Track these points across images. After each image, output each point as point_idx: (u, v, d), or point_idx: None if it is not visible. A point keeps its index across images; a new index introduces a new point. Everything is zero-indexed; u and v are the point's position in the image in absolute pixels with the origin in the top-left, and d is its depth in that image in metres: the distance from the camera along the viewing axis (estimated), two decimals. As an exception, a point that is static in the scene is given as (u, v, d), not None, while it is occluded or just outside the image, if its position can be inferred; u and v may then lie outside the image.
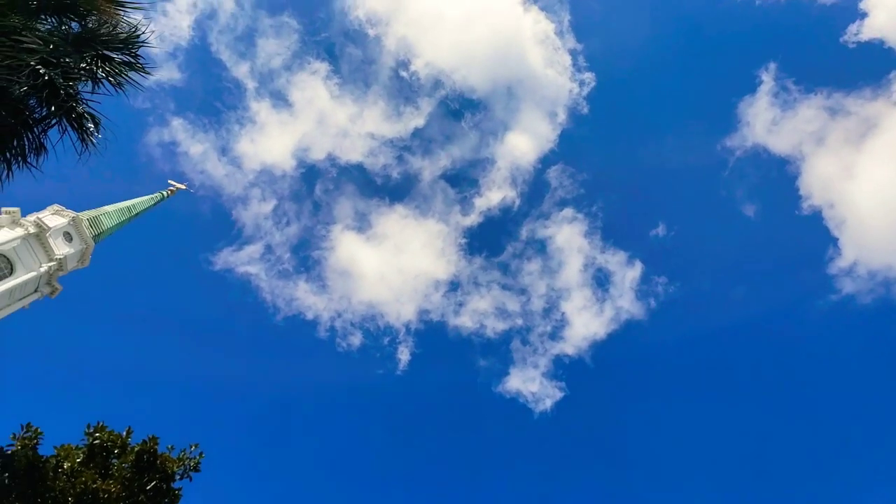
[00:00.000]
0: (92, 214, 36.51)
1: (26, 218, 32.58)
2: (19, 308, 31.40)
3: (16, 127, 10.88)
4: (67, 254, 33.49)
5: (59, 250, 33.15)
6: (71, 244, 34.30)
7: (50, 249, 32.53)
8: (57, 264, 32.55)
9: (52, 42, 10.79)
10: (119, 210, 38.51)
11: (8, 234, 30.83)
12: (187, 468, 13.15)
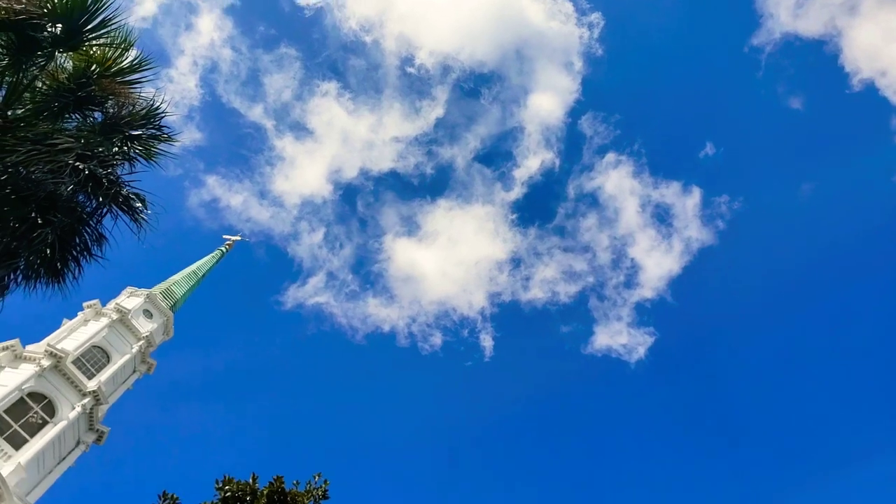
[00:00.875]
0: (163, 287, 38.02)
1: (106, 307, 34.20)
2: (124, 391, 33.03)
3: (73, 225, 11.41)
4: (152, 330, 34.99)
5: (144, 329, 34.69)
6: (152, 320, 35.83)
7: (136, 330, 34.08)
8: (145, 342, 34.08)
9: (82, 137, 11.26)
10: (186, 276, 39.98)
11: (96, 326, 32.44)
12: (316, 498, 13.58)
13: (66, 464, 28.41)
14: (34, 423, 27.42)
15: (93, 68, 11.29)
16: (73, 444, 29.06)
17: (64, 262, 11.81)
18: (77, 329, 32.21)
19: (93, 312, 33.37)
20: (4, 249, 10.51)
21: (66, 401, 28.86)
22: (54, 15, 10.64)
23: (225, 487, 12.60)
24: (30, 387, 27.74)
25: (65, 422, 28.00)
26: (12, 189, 11.30)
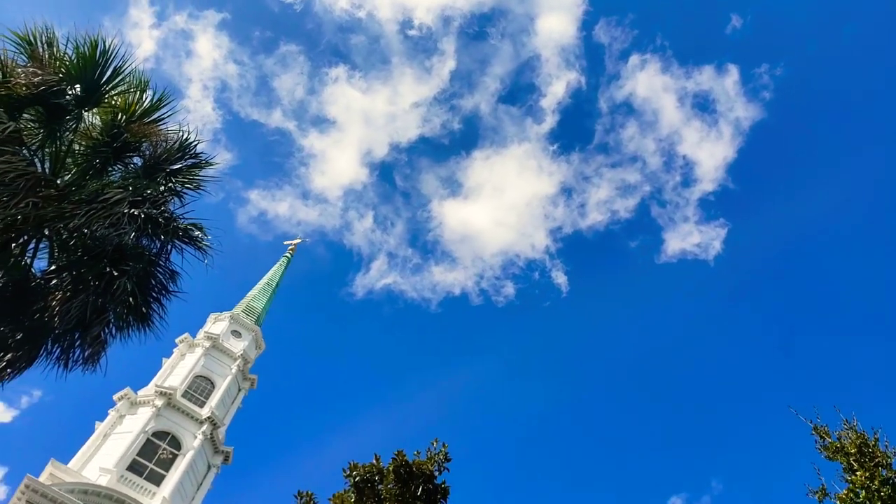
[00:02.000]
0: (243, 305, 39.35)
1: (197, 337, 35.71)
2: (236, 410, 34.61)
3: (146, 269, 11.90)
4: (244, 348, 36.39)
5: (237, 349, 36.12)
6: (242, 339, 37.22)
7: (230, 352, 35.53)
8: (242, 361, 35.50)
9: (129, 184, 11.66)
10: (261, 289, 41.22)
11: (192, 357, 33.98)
12: (439, 462, 13.98)
13: (205, 488, 30.17)
14: (166, 459, 29.13)
15: (119, 117, 11.62)
16: (204, 469, 30.77)
17: (147, 306, 12.36)
18: (177, 365, 33.83)
19: (186, 346, 34.93)
20: (93, 307, 11.07)
21: (188, 432, 30.49)
22: (71, 77, 10.97)
23: (353, 473, 13.12)
24: (152, 427, 29.40)
25: (192, 451, 29.61)
26: (83, 251, 11.87)
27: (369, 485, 13.15)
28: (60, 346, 11.93)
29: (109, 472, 26.30)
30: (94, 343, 11.76)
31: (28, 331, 11.40)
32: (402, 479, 13.11)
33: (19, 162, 9.98)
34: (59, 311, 10.90)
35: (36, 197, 10.08)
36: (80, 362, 12.04)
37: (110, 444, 28.54)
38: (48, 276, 11.73)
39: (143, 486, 27.13)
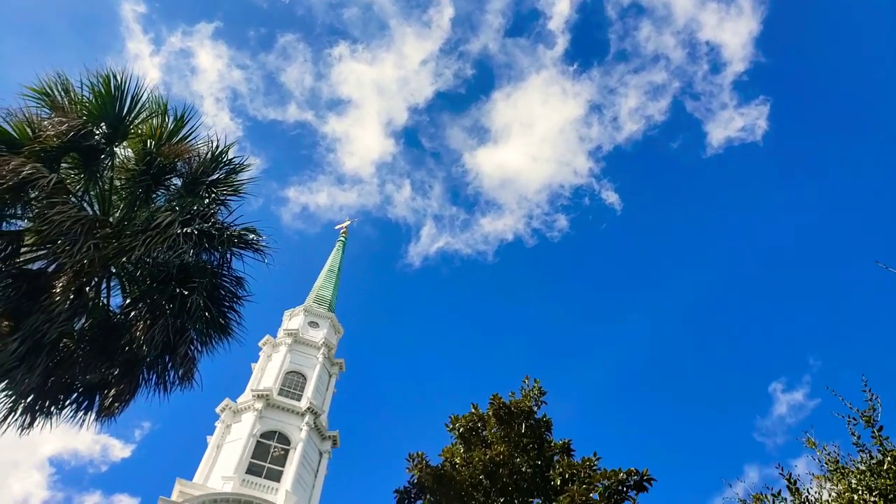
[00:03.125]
0: (312, 296, 40.31)
1: (277, 337, 36.84)
2: (332, 395, 35.79)
3: (212, 281, 12.26)
4: (324, 336, 37.39)
5: (318, 338, 37.16)
6: (319, 328, 38.23)
7: (312, 343, 36.60)
8: (325, 349, 36.52)
9: (174, 206, 11.96)
10: (326, 277, 42.09)
11: (278, 356, 35.16)
12: (536, 398, 14.16)
13: (321, 474, 31.50)
14: (279, 456, 30.47)
15: (149, 144, 11.88)
16: (316, 457, 32.06)
17: (222, 316, 12.77)
18: (266, 367, 35.08)
19: (270, 347, 36.12)
20: (174, 329, 11.53)
21: (292, 426, 31.74)
22: (94, 117, 11.23)
23: (456, 425, 13.46)
24: (259, 430, 30.71)
25: (300, 443, 30.84)
26: (150, 279, 12.32)
27: (474, 433, 13.47)
28: (155, 372, 12.50)
29: (231, 478, 27.70)
30: (184, 362, 12.26)
31: (123, 365, 11.98)
32: (503, 421, 13.37)
33: (71, 209, 10.35)
34: (145, 339, 11.39)
35: (94, 239, 10.46)
36: (177, 383, 12.60)
37: (225, 454, 30.00)
38: (126, 310, 12.25)
39: (265, 485, 28.51)
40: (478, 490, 12.36)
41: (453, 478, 12.43)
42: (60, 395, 12.08)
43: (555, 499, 11.86)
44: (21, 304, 10.38)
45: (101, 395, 12.31)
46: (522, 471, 12.81)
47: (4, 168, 9.83)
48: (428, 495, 12.82)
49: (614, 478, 11.44)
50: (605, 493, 11.27)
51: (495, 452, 12.43)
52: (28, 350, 10.00)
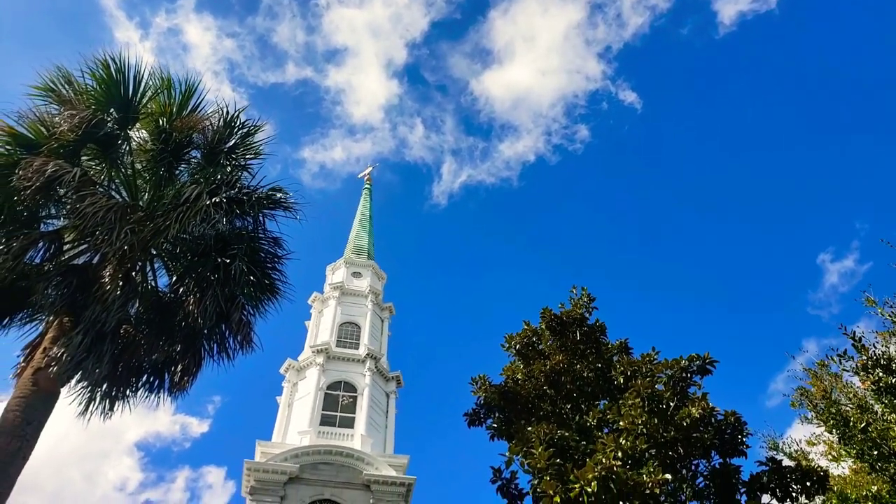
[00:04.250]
0: (350, 247, 40.76)
1: (324, 292, 37.50)
2: (387, 339, 36.59)
3: (250, 245, 12.43)
4: (369, 284, 37.96)
5: (362, 286, 37.78)
6: (363, 276, 38.78)
7: (358, 292, 37.22)
8: (372, 295, 37.13)
9: (198, 179, 12.04)
10: (359, 226, 42.40)
11: (329, 310, 35.92)
12: (586, 306, 14.24)
13: (391, 414, 32.57)
14: (348, 404, 31.52)
15: (161, 122, 11.89)
16: (384, 398, 33.08)
17: (267, 277, 12.99)
18: (319, 322, 35.92)
19: (319, 303, 36.88)
20: (224, 297, 11.78)
21: (356, 374, 32.67)
22: (102, 104, 11.26)
23: (512, 343, 13.66)
24: (324, 383, 31.71)
25: (366, 388, 31.79)
26: (190, 253, 12.55)
27: (530, 348, 13.67)
28: (215, 342, 12.87)
29: (307, 432, 28.80)
30: (240, 327, 12.57)
31: (183, 340, 12.35)
32: (557, 332, 13.52)
33: (101, 199, 10.51)
34: (198, 311, 11.68)
35: (129, 224, 10.64)
36: (237, 348, 12.97)
37: (297, 411, 31.14)
38: (174, 288, 12.55)
39: (340, 433, 29.63)
40: (543, 400, 12.62)
41: (518, 393, 12.70)
42: (132, 379, 12.57)
43: (620, 397, 12.05)
44: (76, 299, 10.71)
45: (170, 372, 12.76)
46: (584, 376, 13.01)
47: (29, 170, 9.99)
48: (496, 413, 13.16)
49: (676, 366, 11.54)
50: (669, 382, 11.40)
51: (554, 362, 12.62)
52: (92, 341, 10.36)
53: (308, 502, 25.68)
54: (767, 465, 11.63)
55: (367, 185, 46.59)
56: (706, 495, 11.71)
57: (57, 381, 10.14)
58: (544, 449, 10.15)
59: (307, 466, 26.79)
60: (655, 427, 10.77)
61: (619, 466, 9.37)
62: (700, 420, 11.17)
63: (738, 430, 11.89)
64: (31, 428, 9.63)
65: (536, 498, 10.36)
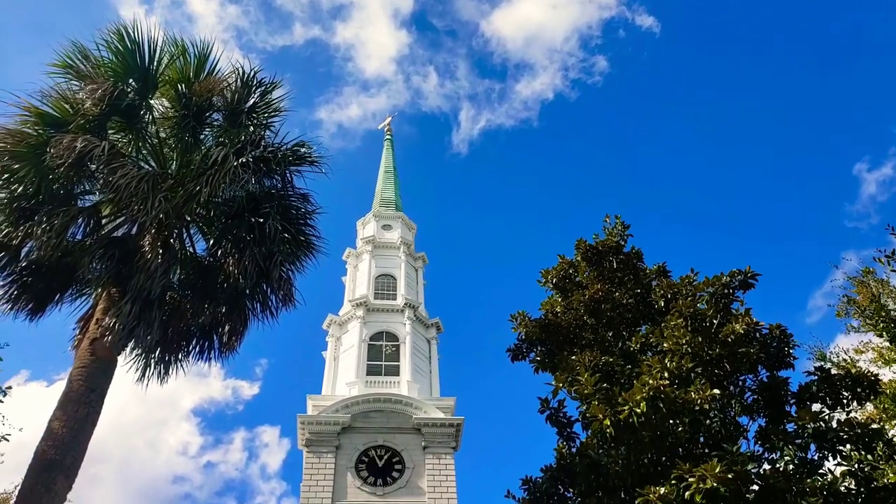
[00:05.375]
0: (377, 200, 40.87)
1: (357, 248, 37.86)
2: (423, 287, 36.96)
3: (280, 203, 12.55)
4: (400, 235, 38.18)
5: (394, 237, 38.05)
6: (393, 229, 38.97)
7: (390, 244, 37.51)
8: (404, 246, 37.39)
9: (223, 142, 12.11)
10: (384, 179, 42.39)
11: (364, 264, 36.31)
12: (621, 234, 14.13)
13: (434, 359, 33.18)
14: (391, 353, 32.17)
15: (180, 87, 11.91)
16: (425, 345, 33.64)
17: (301, 233, 13.15)
18: (355, 277, 36.40)
19: (354, 258, 37.28)
20: (262, 256, 11.97)
21: (396, 323, 33.21)
22: (120, 76, 11.30)
23: (548, 277, 13.68)
24: (366, 335, 32.32)
25: (408, 336, 32.35)
26: (224, 217, 12.72)
27: (567, 280, 13.68)
28: (258, 301, 13.15)
29: (354, 383, 29.53)
30: (281, 284, 12.81)
31: (227, 301, 12.64)
32: (593, 262, 13.48)
33: (131, 170, 10.66)
34: (238, 272, 11.90)
35: (161, 192, 10.80)
36: (280, 305, 13.24)
37: (343, 364, 31.87)
38: (213, 251, 12.79)
39: (386, 381, 30.32)
40: (584, 329, 12.70)
41: (558, 325, 12.79)
42: (183, 343, 12.97)
43: (661, 320, 12.05)
44: (120, 270, 10.99)
45: (218, 334, 13.12)
46: (624, 303, 13.01)
47: (60, 148, 10.14)
48: (538, 347, 13.30)
49: (718, 283, 11.46)
50: (711, 300, 11.35)
51: (593, 291, 12.63)
52: (141, 309, 10.66)
53: (363, 449, 26.48)
54: (816, 375, 11.61)
55: (388, 135, 46.31)
56: (755, 409, 11.76)
57: (113, 350, 10.50)
58: (590, 375, 10.26)
59: (358, 415, 27.54)
60: (700, 346, 10.78)
61: (667, 386, 9.45)
62: (745, 336, 11.14)
63: (784, 343, 11.85)
64: (95, 395, 10.06)
65: (585, 423, 10.55)
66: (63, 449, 9.30)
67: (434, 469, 26.30)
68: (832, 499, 9.24)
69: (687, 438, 10.28)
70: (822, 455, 10.14)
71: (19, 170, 10.63)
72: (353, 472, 25.63)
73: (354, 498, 24.92)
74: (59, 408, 9.67)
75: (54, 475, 9.06)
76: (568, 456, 11.96)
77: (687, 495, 8.59)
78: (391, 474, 25.88)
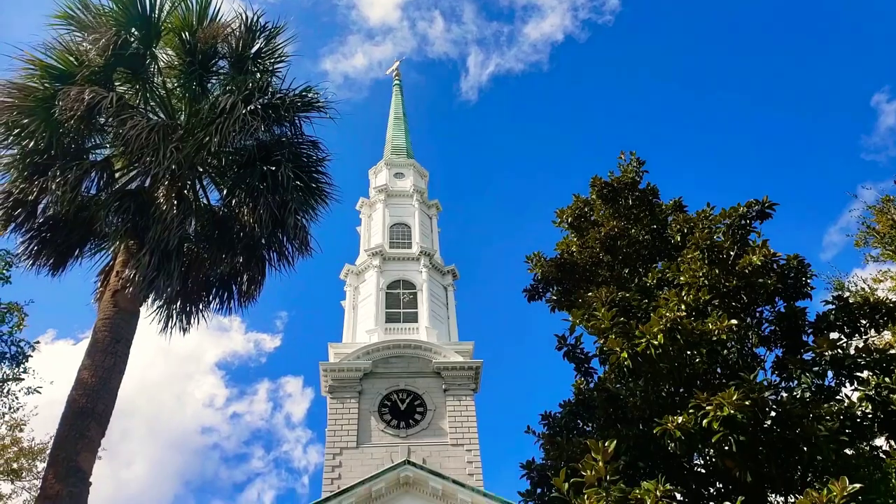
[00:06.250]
0: (388, 148, 40.59)
1: (370, 197, 37.81)
2: (438, 234, 36.98)
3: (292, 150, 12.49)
4: (413, 183, 38.03)
5: (406, 185, 37.96)
6: (405, 176, 38.80)
7: (403, 192, 37.43)
8: (417, 194, 37.29)
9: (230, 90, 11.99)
10: (394, 126, 42.00)
11: (378, 213, 36.32)
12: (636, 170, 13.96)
13: (451, 305, 33.47)
14: (409, 300, 32.47)
15: (184, 35, 11.75)
16: (442, 292, 33.90)
17: (313, 181, 13.12)
18: (370, 226, 36.48)
19: (367, 207, 37.29)
20: (276, 204, 11.98)
21: (412, 272, 33.40)
22: (122, 25, 11.15)
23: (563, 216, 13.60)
24: (383, 283, 32.60)
25: (424, 283, 32.59)
26: (236, 166, 12.70)
27: (583, 219, 13.60)
28: (274, 250, 13.24)
29: (374, 330, 29.94)
30: (296, 232, 12.86)
31: (244, 251, 12.73)
32: (609, 199, 13.37)
33: (141, 121, 10.63)
34: (254, 221, 11.95)
35: (171, 143, 10.77)
36: (297, 253, 13.32)
37: (361, 312, 32.26)
38: (227, 202, 12.82)
39: (405, 328, 30.71)
40: (600, 267, 12.69)
41: (574, 263, 12.79)
42: (203, 294, 13.16)
43: (678, 255, 11.99)
44: (136, 223, 11.06)
45: (237, 284, 13.28)
46: (640, 239, 12.96)
47: (68, 100, 10.11)
48: (554, 286, 13.33)
49: (735, 214, 11.34)
50: (728, 231, 11.26)
51: (609, 227, 12.57)
52: (159, 260, 10.77)
53: (385, 393, 27.03)
54: (834, 304, 11.56)
55: (397, 80, 45.62)
56: (772, 340, 11.79)
57: (135, 301, 10.68)
58: (607, 310, 10.30)
59: (379, 361, 28.01)
60: (717, 278, 10.75)
61: (685, 318, 9.47)
62: (762, 267, 11.06)
63: (801, 273, 11.77)
64: (121, 345, 10.27)
65: (603, 358, 10.65)
66: (94, 397, 9.56)
67: (455, 410, 26.85)
68: (849, 423, 9.32)
69: (704, 369, 10.34)
70: (840, 381, 10.19)
71: (29, 124, 10.63)
72: (376, 415, 26.23)
73: (379, 440, 25.57)
74: (86, 357, 9.91)
75: (87, 422, 9.33)
76: (586, 391, 12.13)
77: (705, 423, 8.69)
78: (413, 417, 26.45)
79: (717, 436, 8.60)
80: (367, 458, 24.88)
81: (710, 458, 10.38)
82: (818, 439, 8.80)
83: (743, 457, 9.01)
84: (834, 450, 8.89)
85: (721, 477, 10.40)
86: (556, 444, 11.21)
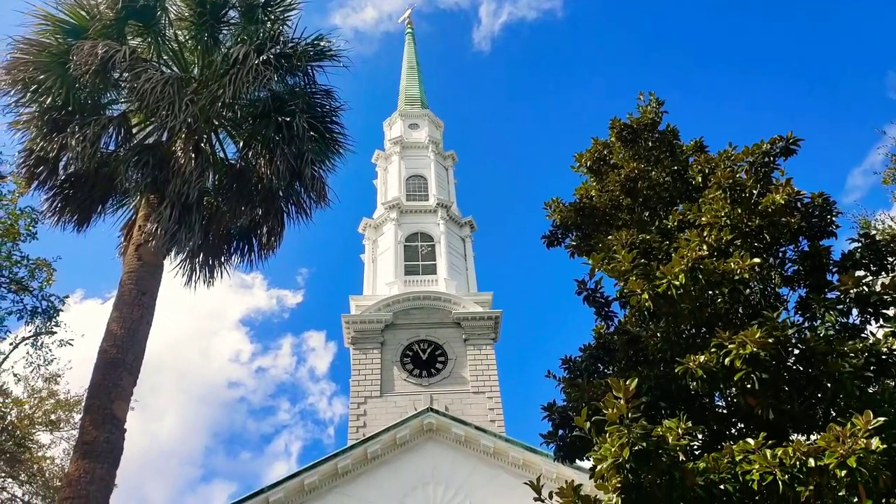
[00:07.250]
0: (402, 97, 40.08)
1: (385, 150, 37.61)
2: (454, 185, 36.84)
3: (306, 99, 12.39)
4: (428, 134, 37.74)
5: (421, 136, 37.72)
6: (420, 127, 38.49)
7: (418, 143, 37.20)
8: (432, 145, 37.06)
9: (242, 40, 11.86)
10: (408, 75, 41.40)
11: (394, 166, 36.17)
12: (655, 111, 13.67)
13: (469, 256, 33.56)
14: (427, 253, 32.58)
15: (196, -13, 11.60)
16: (460, 244, 33.95)
17: (328, 131, 13.05)
18: (386, 179, 36.38)
19: (383, 160, 37.11)
20: (292, 155, 11.95)
21: (430, 224, 33.42)
22: (131, -24, 11.01)
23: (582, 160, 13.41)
24: (401, 236, 32.69)
25: (442, 235, 32.63)
26: (251, 119, 12.66)
27: (602, 162, 13.39)
28: (292, 202, 13.29)
29: (393, 283, 30.17)
30: (314, 184, 12.86)
31: (262, 203, 12.78)
32: (628, 141, 13.12)
33: (155, 75, 10.58)
34: (271, 172, 11.96)
35: (186, 96, 10.73)
36: (314, 204, 13.35)
37: (381, 265, 32.46)
38: (244, 154, 12.83)
39: (424, 279, 30.90)
40: (620, 210, 12.54)
41: (594, 207, 12.65)
42: (224, 246, 13.29)
43: (699, 196, 11.82)
44: (156, 177, 11.12)
45: (257, 236, 13.38)
46: (660, 181, 12.75)
47: (82, 55, 10.07)
48: (574, 231, 13.23)
49: (758, 151, 11.08)
50: (750, 169, 11.04)
51: (629, 170, 12.37)
52: (180, 213, 10.88)
53: (406, 344, 27.41)
54: (860, 241, 11.37)
55: (409, 28, 44.78)
56: (796, 280, 11.67)
57: (158, 254, 10.82)
58: (627, 252, 10.22)
59: (400, 313, 28.32)
60: (739, 217, 10.58)
61: (706, 257, 9.38)
62: (785, 206, 10.86)
63: (826, 212, 11.54)
64: (147, 297, 10.46)
65: (623, 300, 10.61)
66: (124, 348, 9.80)
67: (476, 360, 27.19)
68: (873, 360, 9.27)
69: (726, 310, 10.27)
70: (865, 319, 10.09)
71: (45, 80, 10.64)
72: (398, 365, 26.65)
73: (402, 389, 26.04)
74: (114, 310, 10.12)
75: (119, 372, 9.59)
76: (606, 334, 12.13)
77: (727, 361, 8.67)
78: (435, 366, 26.85)
79: (739, 374, 8.58)
80: (391, 406, 25.39)
81: (731, 397, 10.40)
82: (842, 376, 8.74)
83: (765, 395, 9.01)
84: (858, 386, 8.85)
85: (742, 416, 10.44)
86: (577, 385, 11.27)
